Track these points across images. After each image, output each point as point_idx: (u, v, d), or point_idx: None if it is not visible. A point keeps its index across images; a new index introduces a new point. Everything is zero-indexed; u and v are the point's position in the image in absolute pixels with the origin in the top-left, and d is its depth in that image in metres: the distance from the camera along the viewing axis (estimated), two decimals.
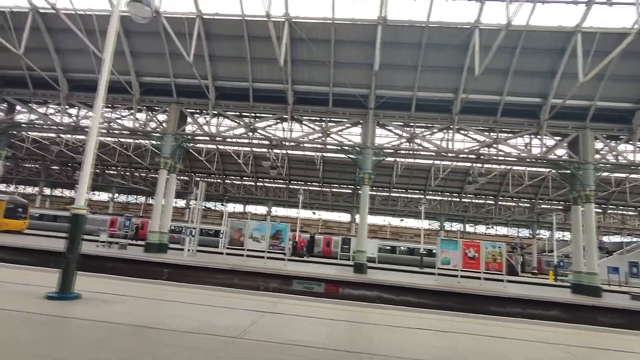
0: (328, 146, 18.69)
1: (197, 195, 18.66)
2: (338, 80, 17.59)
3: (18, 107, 20.70)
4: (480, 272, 16.58)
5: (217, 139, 19.35)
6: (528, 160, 18.26)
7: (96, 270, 12.39)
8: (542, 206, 42.15)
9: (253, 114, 18.90)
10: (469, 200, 42.54)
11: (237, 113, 19.15)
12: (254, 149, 31.48)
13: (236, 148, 32.15)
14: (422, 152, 18.28)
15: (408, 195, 43.54)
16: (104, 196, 51.03)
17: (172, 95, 18.77)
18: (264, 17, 16.28)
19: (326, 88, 17.93)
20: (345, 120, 18.42)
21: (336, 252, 32.63)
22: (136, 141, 37.34)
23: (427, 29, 15.74)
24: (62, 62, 18.82)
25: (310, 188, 44.52)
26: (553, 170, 31.92)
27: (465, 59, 16.24)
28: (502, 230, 50.77)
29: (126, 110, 20.05)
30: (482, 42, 14.94)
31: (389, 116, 18.06)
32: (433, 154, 18.58)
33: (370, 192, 43.45)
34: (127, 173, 44.64)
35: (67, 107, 19.74)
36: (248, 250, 17.84)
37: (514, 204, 43.29)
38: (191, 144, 19.41)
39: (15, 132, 20.46)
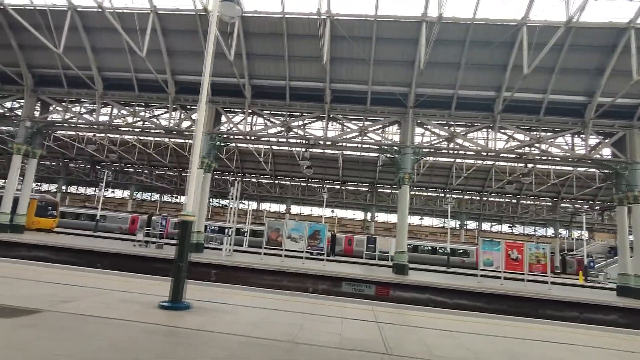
0: (365, 145, 18.44)
1: (233, 195, 18.51)
2: (377, 78, 17.33)
3: (51, 107, 20.70)
4: (523, 274, 16.31)
5: (252, 138, 19.19)
6: (570, 159, 17.89)
7: (145, 272, 12.35)
8: (562, 205, 41.70)
9: (289, 113, 18.69)
10: (492, 199, 42.07)
11: (273, 112, 18.95)
12: (289, 148, 31.06)
13: (270, 147, 31.81)
14: (461, 152, 17.97)
15: (427, 194, 43.25)
16: (116, 193, 51.12)
17: (207, 94, 18.61)
18: (305, 14, 16.17)
19: (365, 86, 17.68)
20: (383, 119, 18.16)
21: (359, 251, 32.42)
22: (156, 139, 37.35)
23: (472, 26, 15.43)
24: (98, 61, 18.73)
25: (328, 186, 44.32)
26: (583, 169, 31.48)
27: (510, 57, 15.90)
28: (518, 229, 50.24)
29: (160, 109, 19.92)
30: (530, 39, 14.59)
31: (429, 115, 17.78)
32: (473, 153, 18.27)
33: (388, 190, 43.41)
34: (145, 171, 44.77)
35: (101, 105, 19.65)
36: (286, 250, 17.73)
37: (532, 202, 42.87)
38: (224, 144, 19.25)
39: (49, 131, 20.39)
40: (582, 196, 38.50)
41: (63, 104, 20.15)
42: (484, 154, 17.99)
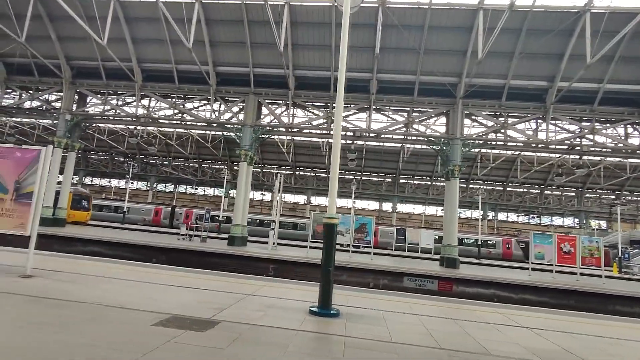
0: (411, 137, 18.11)
1: (276, 188, 18.31)
2: (426, 68, 16.89)
3: (88, 99, 20.49)
4: (575, 267, 16.08)
5: (294, 130, 18.89)
6: (624, 151, 17.46)
7: (201, 266, 12.24)
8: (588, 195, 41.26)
9: (333, 104, 18.32)
10: (515, 190, 41.65)
11: (316, 104, 18.61)
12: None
13: (315, 140, 31.37)
14: (510, 143, 17.59)
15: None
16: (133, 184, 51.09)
17: (249, 86, 18.29)
18: (355, 5, 15.66)
19: (412, 76, 17.25)
20: (431, 110, 17.76)
21: (385, 242, 32.26)
22: (177, 130, 37.05)
23: (530, 13, 14.90)
24: (138, 52, 18.40)
25: (348, 176, 44.07)
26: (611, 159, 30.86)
27: (567, 45, 15.39)
28: (534, 219, 49.77)
29: (198, 101, 19.62)
30: (595, 27, 14.06)
31: (479, 105, 17.37)
32: (522, 144, 17.88)
33: (408, 181, 43.09)
34: (166, 162, 44.68)
35: (140, 97, 19.39)
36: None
37: (556, 192, 42.43)
38: (267, 136, 18.98)
39: (87, 124, 20.22)
40: (610, 186, 38.01)
41: (100, 96, 19.90)
42: (534, 145, 17.59)
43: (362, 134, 17.92)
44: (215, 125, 19.19)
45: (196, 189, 49.65)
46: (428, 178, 42.07)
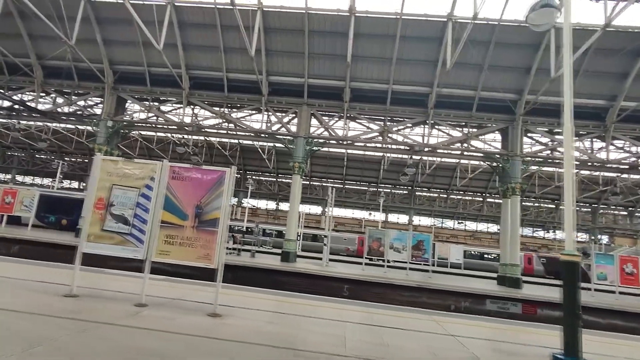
0: (467, 153, 17.85)
1: (328, 201, 17.76)
2: (487, 84, 16.71)
3: (127, 104, 19.71)
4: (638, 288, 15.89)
5: (346, 142, 18.44)
6: None
7: (270, 285, 11.57)
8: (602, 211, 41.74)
9: (389, 117, 17.98)
10: (530, 204, 41.82)
11: (372, 117, 18.23)
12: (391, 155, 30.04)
13: (370, 153, 30.88)
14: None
15: (467, 198, 42.93)
16: None
17: (302, 97, 17.82)
18: (421, 15, 15.50)
19: (471, 92, 17.06)
20: (490, 125, 17.55)
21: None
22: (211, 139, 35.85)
23: (604, 32, 14.87)
24: (187, 59, 17.78)
25: (360, 188, 43.79)
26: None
27: (633, 64, 15.40)
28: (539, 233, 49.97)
29: (248, 111, 19.01)
30: None
31: (538, 123, 17.23)
32: (577, 162, 17.76)
33: (430, 194, 42.96)
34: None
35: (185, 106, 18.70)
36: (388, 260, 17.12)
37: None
38: (317, 149, 18.43)
39: (126, 131, 19.40)
40: (625, 203, 38.49)
41: (143, 102, 19.15)
42: (590, 164, 17.51)
43: (422, 149, 17.54)
44: (264, 135, 18.58)
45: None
46: (444, 191, 41.98)
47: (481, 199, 43.23)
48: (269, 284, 12.06)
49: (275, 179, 43.44)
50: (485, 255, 32.99)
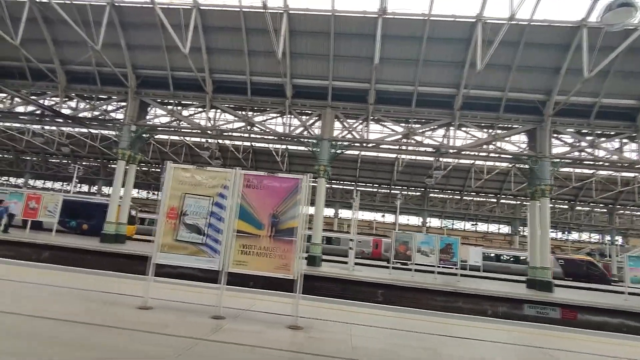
0: (494, 154, 17.62)
1: (354, 205, 17.60)
2: (515, 84, 16.49)
3: (149, 108, 19.69)
4: None
5: (369, 145, 18.28)
6: None
7: (309, 292, 11.40)
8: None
9: (415, 119, 17.79)
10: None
11: (397, 119, 18.07)
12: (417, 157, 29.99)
13: (384, 155, 30.95)
14: (598, 162, 17.16)
15: (480, 199, 42.60)
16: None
17: (326, 99, 17.69)
18: (449, 16, 15.34)
19: (499, 93, 16.83)
20: (518, 126, 17.31)
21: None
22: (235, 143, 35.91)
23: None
24: (211, 62, 17.72)
25: (371, 190, 43.59)
26: None
27: None
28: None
29: (271, 114, 18.88)
30: None
31: (566, 123, 16.98)
32: (607, 163, 17.49)
33: (443, 195, 42.67)
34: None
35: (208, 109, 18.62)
36: (410, 264, 16.93)
37: (587, 209, 42.28)
38: (341, 151, 18.25)
39: (147, 135, 19.36)
40: None
41: (165, 106, 19.12)
42: (619, 165, 17.22)
43: (447, 151, 17.35)
44: (288, 139, 18.46)
45: None
46: (458, 192, 41.65)
47: (495, 200, 42.89)
48: (308, 290, 11.91)
49: None
50: (503, 257, 32.62)
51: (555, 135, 17.68)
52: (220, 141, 30.86)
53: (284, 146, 34.46)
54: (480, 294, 12.60)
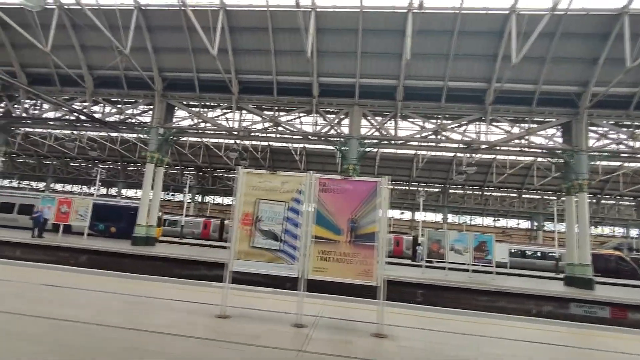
0: (527, 149, 17.19)
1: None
2: (550, 77, 16.01)
3: (175, 111, 19.76)
4: None
5: (397, 142, 18.02)
6: None
7: (340, 292, 11.23)
8: None
9: (445, 115, 17.45)
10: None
11: (426, 114, 17.76)
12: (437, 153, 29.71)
13: (402, 151, 30.80)
14: (638, 155, 16.60)
15: (500, 194, 41.89)
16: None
17: (353, 97, 17.47)
18: (481, 9, 14.96)
19: (532, 86, 16.38)
20: (551, 120, 16.84)
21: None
22: (253, 142, 36.01)
23: None
24: (237, 63, 17.64)
25: (389, 187, 43.13)
26: None
27: None
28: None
29: (297, 114, 18.74)
30: None
31: (604, 115, 16.44)
32: None
33: (462, 191, 42.07)
34: (206, 174, 43.94)
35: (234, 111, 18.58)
36: (441, 263, 16.68)
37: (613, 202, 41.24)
38: (369, 149, 18.03)
39: (174, 138, 19.42)
40: None
41: (191, 108, 19.15)
42: None
43: (479, 147, 16.98)
44: (314, 137, 18.31)
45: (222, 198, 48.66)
46: (479, 188, 41.02)
47: (515, 195, 42.09)
48: (342, 291, 11.78)
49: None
50: (528, 253, 31.99)
51: (591, 128, 17.18)
52: (236, 142, 30.97)
53: (302, 145, 34.40)
54: (525, 293, 12.28)
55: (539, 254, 30.34)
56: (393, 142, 18.05)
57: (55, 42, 16.88)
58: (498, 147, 17.29)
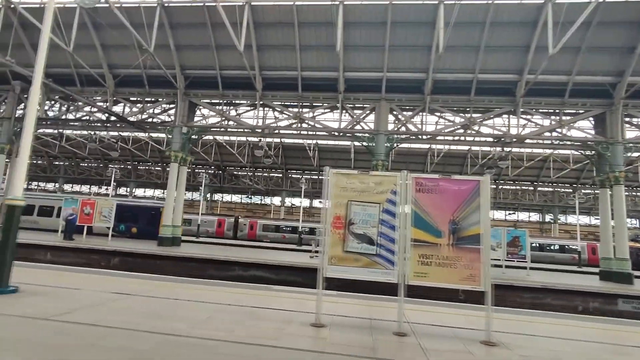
0: (560, 142, 16.83)
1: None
2: (583, 67, 15.62)
3: (197, 110, 19.50)
4: None
5: (425, 137, 17.71)
6: None
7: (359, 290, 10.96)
8: None
9: (474, 108, 17.10)
10: (590, 192, 39.96)
11: (454, 108, 17.42)
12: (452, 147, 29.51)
13: (415, 146, 30.69)
14: None
15: (515, 187, 41.50)
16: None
17: (379, 92, 17.15)
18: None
19: (565, 77, 16.01)
20: (583, 111, 16.47)
21: None
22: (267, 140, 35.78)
23: None
24: (261, 60, 17.33)
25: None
26: None
27: None
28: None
29: (322, 110, 18.46)
30: None
31: (639, 106, 16.06)
32: None
33: None
34: (219, 171, 43.77)
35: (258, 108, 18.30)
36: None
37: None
38: (397, 144, 17.74)
39: (197, 137, 19.19)
40: None
41: (214, 106, 18.88)
42: None
43: (510, 140, 16.63)
44: (339, 134, 18.03)
45: (250, 197, 48.58)
46: (494, 181, 40.58)
47: (531, 188, 41.67)
48: (369, 290, 11.53)
49: (317, 177, 42.90)
50: (547, 247, 31.68)
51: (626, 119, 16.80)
52: (247, 139, 30.69)
53: (314, 141, 34.16)
54: (571, 290, 12.01)
55: (557, 247, 29.99)
56: (420, 137, 17.70)
57: (77, 41, 16.62)
58: (529, 140, 16.92)
